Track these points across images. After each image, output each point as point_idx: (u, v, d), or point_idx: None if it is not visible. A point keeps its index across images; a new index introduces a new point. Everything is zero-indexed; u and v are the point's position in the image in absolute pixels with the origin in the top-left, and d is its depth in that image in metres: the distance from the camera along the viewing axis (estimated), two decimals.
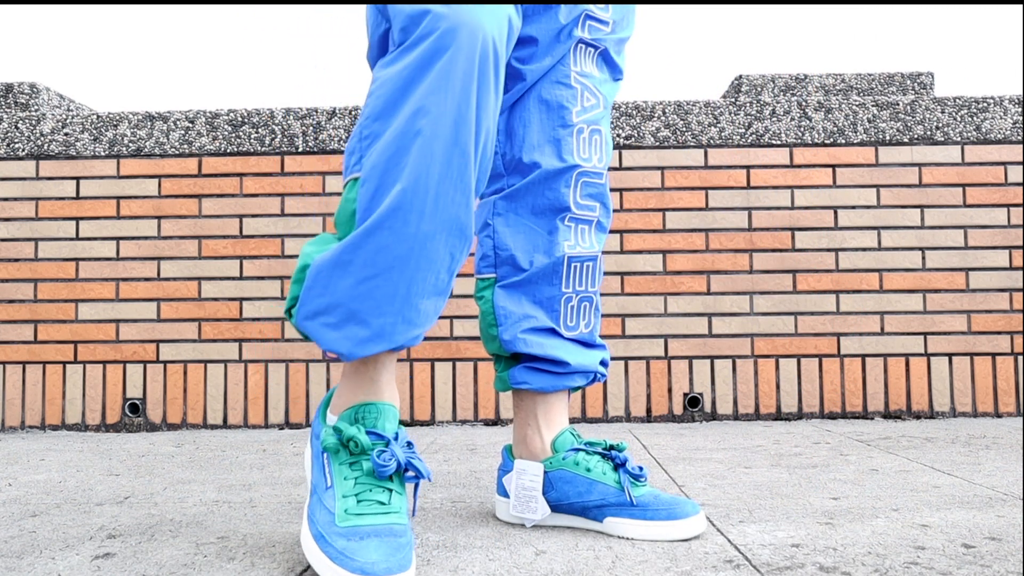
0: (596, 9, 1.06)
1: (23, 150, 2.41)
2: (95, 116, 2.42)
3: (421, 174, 0.82)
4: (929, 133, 2.38)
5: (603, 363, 1.14)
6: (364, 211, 0.84)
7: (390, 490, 0.87)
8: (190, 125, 2.41)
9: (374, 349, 0.85)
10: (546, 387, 1.08)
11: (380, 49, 0.94)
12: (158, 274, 2.39)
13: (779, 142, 2.39)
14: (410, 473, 0.88)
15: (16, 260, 2.39)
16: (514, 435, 1.13)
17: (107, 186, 2.40)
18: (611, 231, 2.36)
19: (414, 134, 0.83)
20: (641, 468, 1.05)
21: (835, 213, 2.37)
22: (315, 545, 0.83)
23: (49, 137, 2.41)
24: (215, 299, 2.38)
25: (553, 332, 1.08)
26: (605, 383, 2.34)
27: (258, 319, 2.37)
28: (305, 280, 0.86)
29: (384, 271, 0.83)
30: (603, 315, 2.35)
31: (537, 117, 1.06)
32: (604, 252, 2.32)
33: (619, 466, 1.04)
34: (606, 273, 2.35)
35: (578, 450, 1.06)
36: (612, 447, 1.07)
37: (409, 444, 0.89)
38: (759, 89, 2.64)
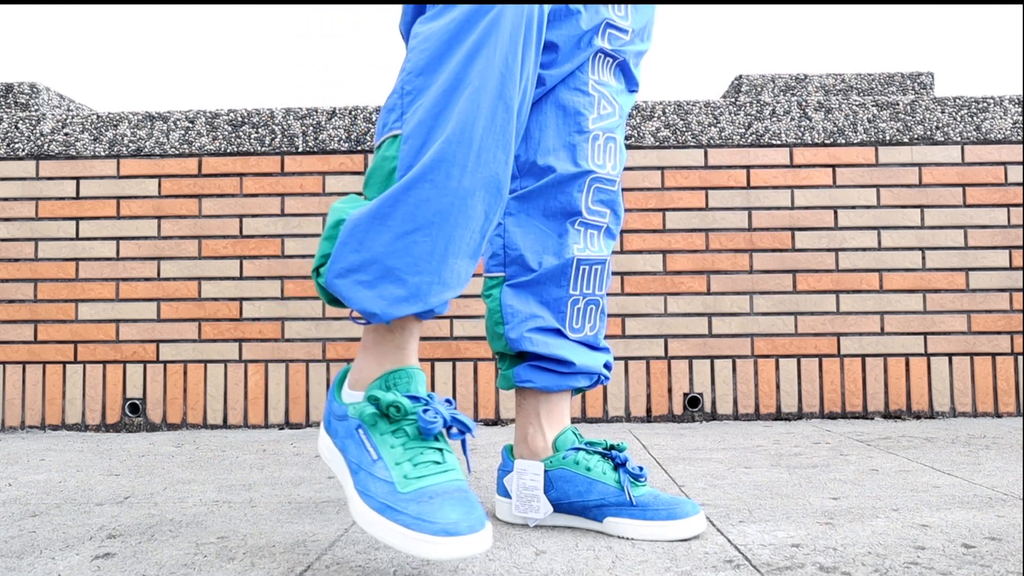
0: (616, 18, 1.07)
1: (23, 150, 2.41)
2: (95, 116, 2.42)
3: (467, 126, 0.81)
4: (929, 133, 2.38)
5: (607, 366, 1.14)
6: (406, 166, 0.82)
7: (440, 449, 0.84)
8: (190, 125, 2.41)
9: (409, 309, 0.82)
10: (550, 386, 1.09)
11: (417, 10, 0.93)
12: (158, 274, 2.39)
13: (779, 142, 2.39)
14: (454, 430, 0.85)
15: (16, 260, 2.39)
16: (516, 433, 1.13)
17: (107, 186, 2.40)
18: None
19: (462, 86, 0.81)
20: (641, 468, 1.05)
21: (835, 213, 2.37)
22: (383, 518, 0.78)
23: (49, 137, 2.41)
24: (215, 299, 2.38)
25: (559, 333, 1.09)
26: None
27: (258, 319, 2.37)
28: (339, 235, 0.83)
29: (424, 226, 0.80)
30: None
31: (554, 121, 1.07)
32: None
33: (619, 466, 1.05)
34: None
35: (578, 449, 1.07)
36: (612, 447, 1.07)
37: (448, 401, 0.87)
38: (759, 89, 2.64)
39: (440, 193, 0.81)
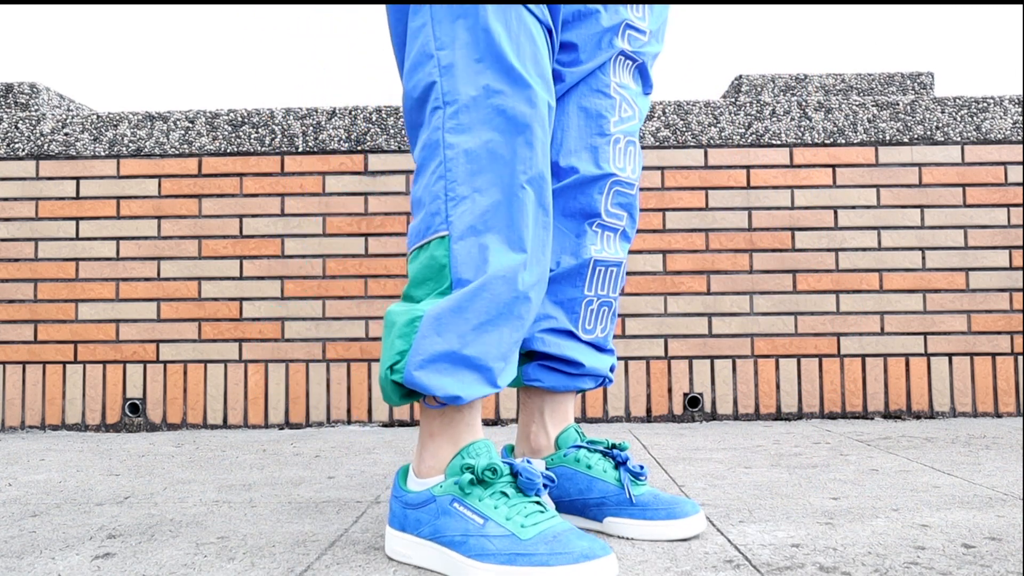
0: (635, 19, 1.08)
1: (23, 150, 2.41)
2: (95, 116, 2.42)
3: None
4: (929, 133, 2.38)
5: (611, 368, 1.15)
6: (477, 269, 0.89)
7: (538, 501, 0.87)
8: (190, 125, 2.41)
9: (485, 392, 0.89)
10: (557, 386, 1.10)
11: (422, 101, 0.93)
12: (158, 274, 2.39)
13: (779, 142, 2.39)
14: (545, 485, 0.90)
15: (16, 260, 2.39)
16: (518, 431, 1.14)
17: (107, 186, 2.40)
18: None
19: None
20: (641, 467, 1.05)
21: (835, 213, 2.37)
22: (515, 568, 0.79)
23: (49, 137, 2.41)
24: (215, 299, 2.38)
25: (570, 334, 1.10)
26: None
27: (258, 319, 2.37)
28: (418, 330, 0.87)
29: (496, 318, 0.88)
30: None
31: (576, 123, 1.08)
32: None
33: (620, 464, 1.05)
34: None
35: (580, 447, 1.08)
36: (614, 446, 1.08)
37: (528, 461, 0.91)
38: (759, 89, 2.64)
39: (510, 290, 0.89)
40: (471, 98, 0.90)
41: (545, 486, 0.89)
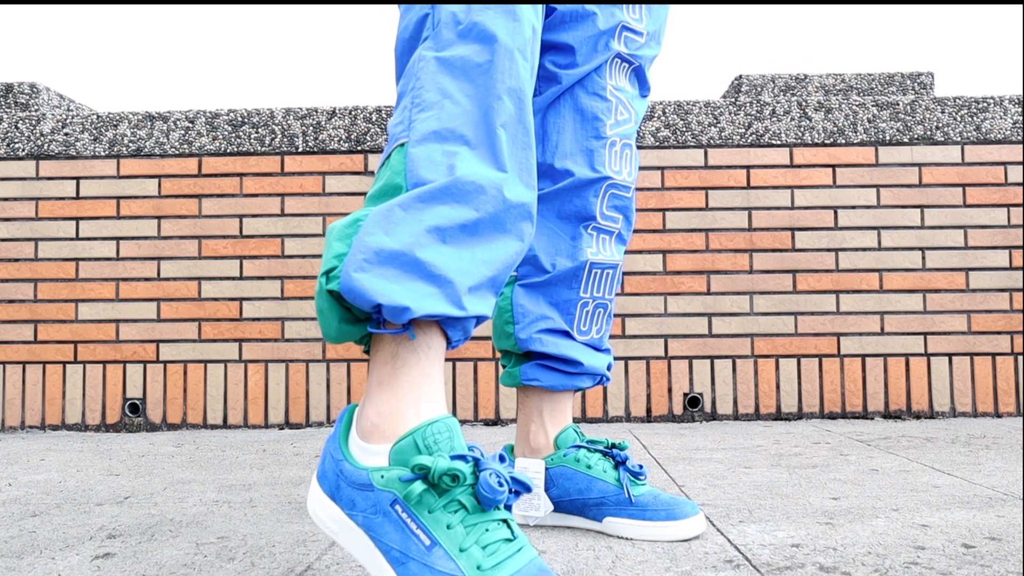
0: (632, 20, 1.08)
1: (23, 150, 2.41)
2: (95, 116, 2.42)
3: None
4: (929, 133, 2.38)
5: (608, 367, 1.16)
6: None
7: (505, 520, 0.70)
8: (190, 125, 2.41)
9: (441, 308, 0.70)
10: (556, 385, 1.10)
11: (414, 40, 0.84)
12: (158, 274, 2.39)
13: (779, 142, 2.39)
14: (513, 493, 0.71)
15: (16, 260, 2.39)
16: (517, 431, 1.14)
17: (107, 186, 2.40)
18: None
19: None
20: (641, 466, 1.05)
21: (835, 213, 2.37)
22: None
23: (49, 137, 2.41)
24: (215, 299, 2.38)
25: (567, 335, 1.10)
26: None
27: (258, 319, 2.37)
28: (359, 230, 0.71)
29: (468, 226, 0.72)
30: None
31: (571, 125, 1.08)
32: None
33: (619, 464, 1.05)
34: None
35: (579, 447, 1.08)
36: (614, 445, 1.08)
37: (502, 458, 0.74)
38: (759, 89, 2.64)
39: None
40: (451, 15, 0.78)
41: (516, 492, 0.70)
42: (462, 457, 0.69)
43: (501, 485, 0.67)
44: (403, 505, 0.67)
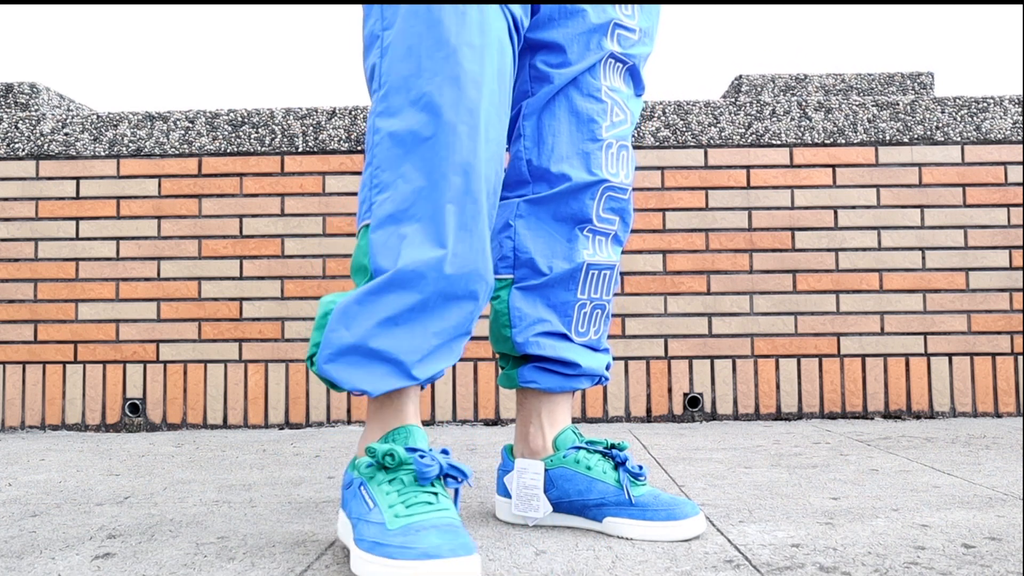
0: (624, 17, 1.07)
1: (23, 150, 2.41)
2: (95, 116, 2.42)
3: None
4: (929, 133, 2.38)
5: (607, 366, 1.16)
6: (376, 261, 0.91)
7: (435, 492, 0.86)
8: (190, 125, 2.41)
9: (396, 384, 0.89)
10: (554, 387, 1.09)
11: (369, 85, 0.96)
12: (158, 274, 2.39)
13: (779, 142, 2.39)
14: (450, 477, 0.88)
15: (16, 260, 2.39)
16: (516, 433, 1.13)
17: (107, 186, 2.40)
18: None
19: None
20: (641, 467, 1.05)
21: (835, 213, 2.37)
22: (371, 555, 0.79)
23: (49, 137, 2.41)
24: (215, 299, 2.38)
25: (565, 337, 1.09)
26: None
27: (258, 319, 2.37)
28: (327, 324, 0.88)
29: (409, 311, 0.87)
30: None
31: (567, 128, 1.07)
32: None
33: (619, 465, 1.05)
34: None
35: (579, 448, 1.07)
36: (613, 446, 1.07)
37: (445, 452, 0.90)
38: (759, 89, 2.64)
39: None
40: (402, 79, 0.87)
41: (447, 481, 0.87)
42: (412, 449, 0.88)
43: (431, 465, 0.85)
44: (364, 484, 0.88)
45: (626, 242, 1.18)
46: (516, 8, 0.96)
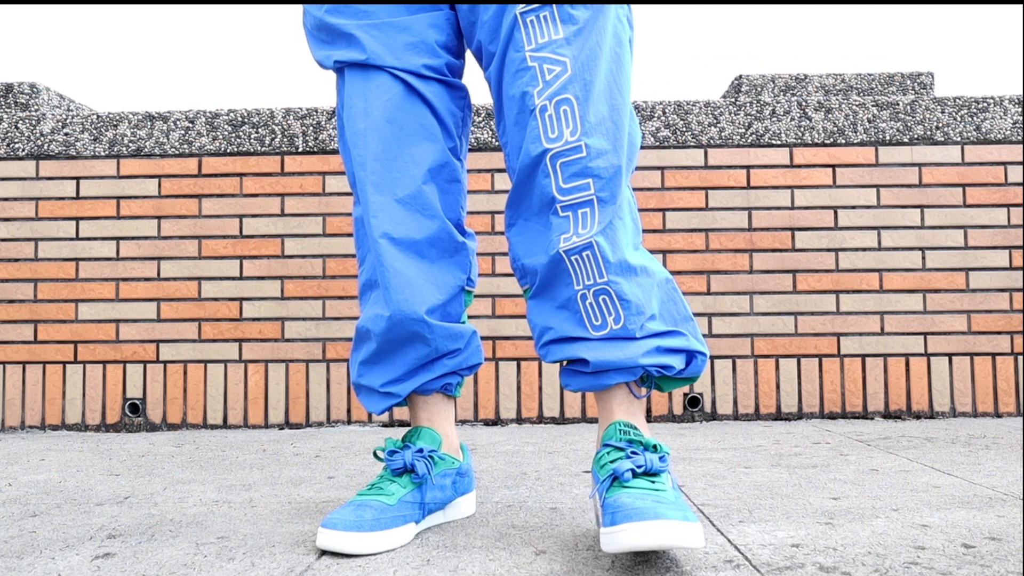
0: None
1: (23, 150, 2.41)
2: (95, 116, 2.42)
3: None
4: (929, 133, 2.38)
5: (664, 351, 0.99)
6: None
7: (393, 481, 1.06)
8: (190, 125, 2.41)
9: (387, 405, 1.15)
10: (583, 387, 1.03)
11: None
12: (158, 274, 2.39)
13: (779, 142, 2.39)
14: (413, 473, 1.06)
15: (16, 260, 2.39)
16: None
17: (107, 186, 2.40)
18: None
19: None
20: (632, 471, 0.92)
21: (835, 213, 2.37)
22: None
23: (49, 137, 2.41)
24: (215, 299, 2.38)
25: (576, 339, 1.01)
26: None
27: (258, 319, 2.37)
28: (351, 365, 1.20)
29: (372, 356, 1.13)
30: None
31: (511, 117, 1.00)
32: None
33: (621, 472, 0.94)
34: None
35: (606, 446, 0.99)
36: (650, 447, 0.96)
37: (420, 451, 1.08)
38: (759, 89, 2.64)
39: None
40: (350, 173, 1.13)
41: (413, 473, 1.06)
42: (397, 449, 1.10)
43: (395, 463, 1.06)
44: None
45: (629, 179, 1.02)
46: (414, 60, 1.05)
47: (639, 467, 0.92)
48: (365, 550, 0.95)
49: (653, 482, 0.90)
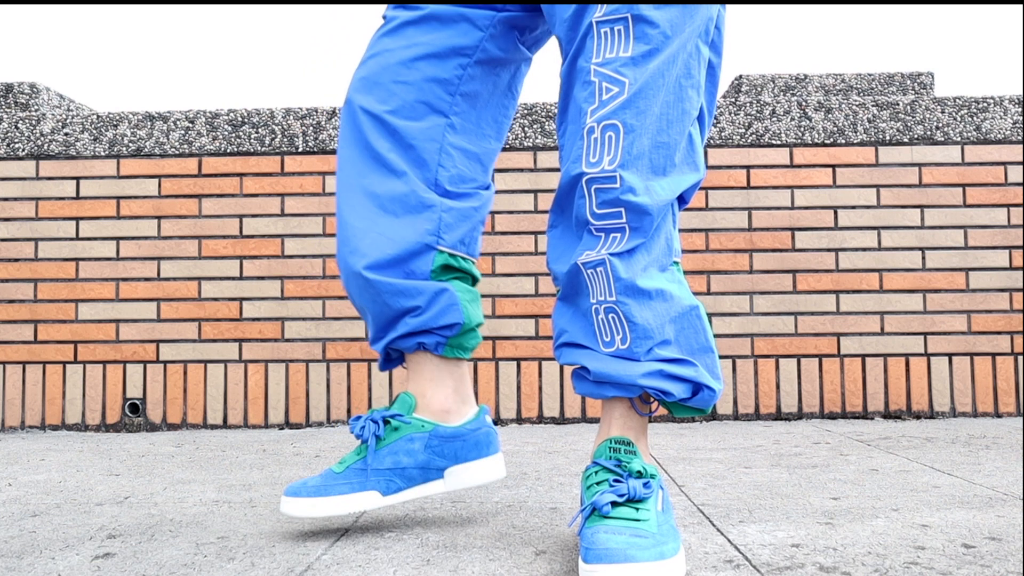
0: None
1: (23, 150, 2.41)
2: (95, 116, 2.42)
3: None
4: (929, 133, 2.38)
5: (651, 376, 0.95)
6: None
7: (356, 452, 1.09)
8: (190, 125, 2.41)
9: (377, 345, 1.16)
10: (587, 393, 1.02)
11: None
12: (158, 274, 2.39)
13: (779, 142, 2.39)
14: (364, 442, 1.10)
15: (16, 260, 2.39)
16: None
17: (107, 186, 2.40)
18: None
19: None
20: (613, 502, 0.87)
21: (835, 213, 2.37)
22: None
23: (49, 137, 2.41)
24: (215, 299, 2.38)
25: (583, 347, 0.99)
26: None
27: (258, 319, 2.37)
28: None
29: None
30: None
31: (573, 124, 0.97)
32: None
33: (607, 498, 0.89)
34: None
35: (597, 465, 0.95)
36: (634, 473, 0.91)
37: (374, 416, 1.10)
38: (759, 89, 2.64)
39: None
40: None
41: (363, 440, 1.08)
42: (367, 417, 1.12)
43: (354, 426, 1.09)
44: None
45: (673, 214, 1.00)
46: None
47: (621, 496, 0.88)
48: (301, 514, 1.03)
49: (637, 510, 0.87)
